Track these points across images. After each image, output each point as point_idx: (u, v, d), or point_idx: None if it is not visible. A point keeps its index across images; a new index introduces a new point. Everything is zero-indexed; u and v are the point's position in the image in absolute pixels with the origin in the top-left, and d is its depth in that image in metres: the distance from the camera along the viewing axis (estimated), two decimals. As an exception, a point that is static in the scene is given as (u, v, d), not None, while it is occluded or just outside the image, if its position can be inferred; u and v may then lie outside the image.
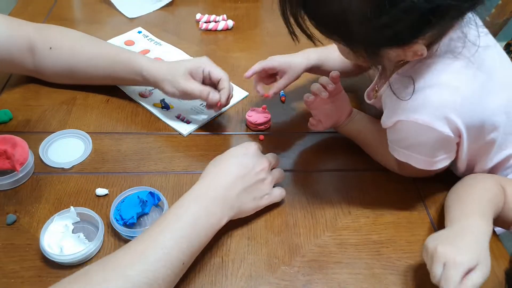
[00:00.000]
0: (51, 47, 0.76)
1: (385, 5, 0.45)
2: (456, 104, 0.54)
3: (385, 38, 0.50)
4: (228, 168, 0.59)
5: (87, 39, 0.79)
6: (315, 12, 0.51)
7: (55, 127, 0.74)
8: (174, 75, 0.72)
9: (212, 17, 1.01)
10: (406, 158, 0.61)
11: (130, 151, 0.72)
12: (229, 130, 0.77)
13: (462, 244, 0.51)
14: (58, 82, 0.81)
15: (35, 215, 0.62)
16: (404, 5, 0.45)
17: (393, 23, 0.47)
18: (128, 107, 0.79)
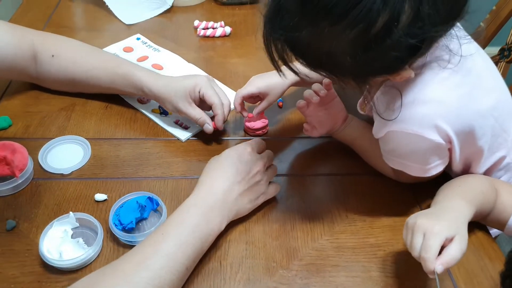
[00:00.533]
0: (53, 55, 0.77)
1: (371, 44, 0.46)
2: (443, 112, 0.55)
3: (373, 69, 0.51)
4: (225, 174, 0.60)
5: (88, 49, 0.80)
6: (303, 53, 0.51)
7: (54, 133, 0.75)
8: (174, 96, 0.72)
9: (210, 24, 1.02)
10: (400, 166, 0.62)
11: (129, 156, 0.72)
12: (227, 135, 0.78)
13: (442, 217, 0.53)
14: (59, 89, 0.81)
15: (35, 220, 0.62)
16: (390, 42, 0.46)
17: (380, 58, 0.48)
18: (126, 113, 0.80)
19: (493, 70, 0.63)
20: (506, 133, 0.63)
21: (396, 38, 0.45)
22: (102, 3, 1.03)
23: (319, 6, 0.45)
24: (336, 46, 0.47)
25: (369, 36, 0.45)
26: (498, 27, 1.04)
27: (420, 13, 0.45)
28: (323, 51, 0.49)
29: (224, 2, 1.11)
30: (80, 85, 0.79)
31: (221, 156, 0.63)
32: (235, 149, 0.64)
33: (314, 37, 0.48)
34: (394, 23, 0.45)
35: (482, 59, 0.61)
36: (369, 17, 0.44)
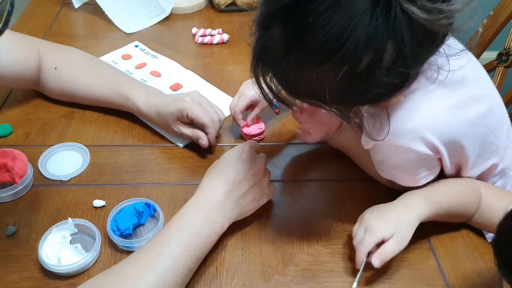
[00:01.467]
0: (56, 68, 0.79)
1: (356, 82, 0.47)
2: (430, 124, 0.56)
3: (360, 102, 0.52)
4: (225, 176, 0.61)
5: (90, 64, 0.81)
6: (290, 88, 0.53)
7: (54, 140, 0.76)
8: (166, 121, 0.74)
9: (207, 31, 1.03)
10: (390, 176, 0.63)
11: (127, 163, 0.73)
12: (224, 141, 0.79)
13: (386, 217, 0.59)
14: (59, 99, 0.83)
15: (34, 226, 0.63)
16: (374, 80, 0.47)
17: (366, 93, 0.49)
18: (125, 121, 0.81)
19: (484, 77, 0.64)
20: (498, 140, 0.63)
21: (380, 76, 0.47)
22: (102, 13, 1.05)
23: (305, 50, 0.46)
24: (322, 84, 0.48)
25: (354, 75, 0.47)
26: (496, 32, 1.05)
27: (403, 52, 0.46)
28: (309, 88, 0.50)
29: (221, 9, 1.13)
30: (79, 98, 0.81)
31: (221, 159, 0.64)
32: (233, 150, 0.65)
33: (301, 76, 0.49)
34: (378, 63, 0.46)
35: (472, 67, 0.62)
36: (353, 58, 0.45)
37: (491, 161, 0.64)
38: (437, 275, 0.60)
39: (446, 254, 0.63)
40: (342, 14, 0.44)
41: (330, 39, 0.45)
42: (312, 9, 0.45)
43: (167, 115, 0.73)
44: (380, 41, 0.45)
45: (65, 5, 1.11)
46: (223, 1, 1.11)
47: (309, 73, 0.48)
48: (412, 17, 0.44)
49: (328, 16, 0.45)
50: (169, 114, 0.73)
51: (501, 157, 0.64)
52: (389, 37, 0.45)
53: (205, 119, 0.72)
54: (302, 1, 0.46)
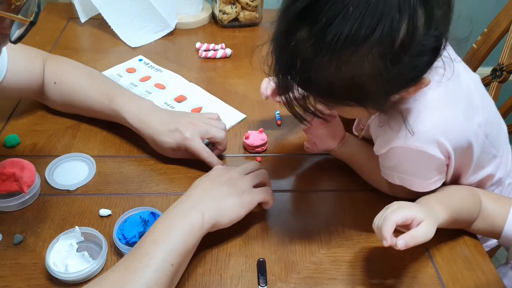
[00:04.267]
0: (55, 82, 0.80)
1: (398, 56, 0.47)
2: (444, 128, 0.58)
3: (397, 84, 0.52)
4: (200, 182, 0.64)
5: (88, 77, 0.81)
6: (328, 91, 0.51)
7: (61, 151, 0.78)
8: (160, 147, 0.74)
9: (211, 46, 1.06)
10: (401, 181, 0.65)
11: (132, 173, 0.75)
12: (227, 153, 0.80)
13: (415, 204, 0.58)
14: (63, 111, 0.85)
15: (41, 235, 0.64)
16: (414, 49, 0.47)
17: (406, 69, 0.49)
18: (130, 132, 0.82)
19: (481, 89, 0.66)
20: (495, 150, 0.65)
21: (419, 42, 0.47)
22: (107, 27, 1.08)
23: (339, 39, 0.45)
24: (362, 69, 0.47)
25: (395, 49, 0.46)
26: (490, 48, 1.08)
27: (434, 16, 0.47)
28: (347, 81, 0.49)
29: (224, 25, 1.16)
30: (79, 111, 0.83)
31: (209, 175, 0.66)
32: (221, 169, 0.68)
33: (337, 71, 0.48)
34: (415, 30, 0.46)
35: (470, 79, 0.64)
36: (392, 32, 0.45)
37: (487, 170, 0.66)
38: (436, 283, 0.61)
39: (444, 262, 0.64)
40: None
41: (365, 18, 0.44)
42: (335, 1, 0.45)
43: (163, 143, 0.73)
44: (411, 7, 0.45)
45: (72, 19, 1.13)
46: (226, 17, 1.14)
47: (347, 63, 0.47)
48: None
49: None
50: (166, 144, 0.73)
51: (497, 167, 0.66)
52: (419, 2, 0.46)
53: (204, 153, 0.72)
54: None
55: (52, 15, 1.15)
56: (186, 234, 0.56)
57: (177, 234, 0.56)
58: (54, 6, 1.19)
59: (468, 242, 0.66)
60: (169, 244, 0.55)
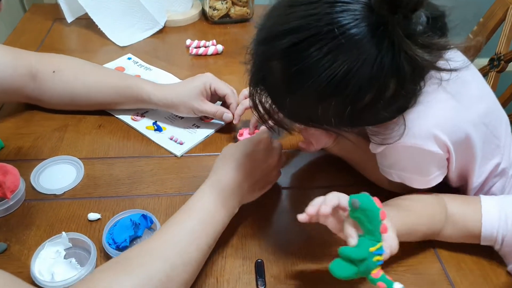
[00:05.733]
0: (54, 71, 0.77)
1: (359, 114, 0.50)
2: (440, 122, 0.56)
3: (365, 124, 0.56)
4: (241, 164, 0.61)
5: (90, 65, 0.81)
6: (293, 117, 0.55)
7: (47, 154, 0.74)
8: (188, 99, 0.76)
9: (202, 43, 1.03)
10: (400, 179, 0.62)
11: (123, 175, 0.72)
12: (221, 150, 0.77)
13: None
14: (57, 108, 0.81)
15: (26, 242, 0.61)
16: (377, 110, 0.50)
17: (371, 119, 0.53)
18: (120, 132, 0.80)
19: (480, 78, 0.64)
20: (498, 139, 0.63)
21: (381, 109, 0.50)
22: (95, 27, 1.04)
23: (307, 90, 0.48)
24: (324, 114, 0.50)
25: (357, 108, 0.49)
26: (487, 38, 1.06)
27: (405, 86, 0.49)
28: (311, 117, 0.52)
29: (215, 21, 1.13)
30: (80, 101, 0.79)
31: (238, 145, 0.64)
32: (251, 139, 0.65)
33: (301, 108, 0.52)
34: (380, 99, 0.49)
35: (467, 69, 0.62)
36: (357, 97, 0.48)
37: (494, 161, 0.63)
38: (443, 279, 0.59)
39: (451, 258, 0.61)
40: (346, 56, 0.46)
41: (333, 80, 0.47)
42: (315, 51, 0.46)
43: (190, 91, 0.75)
44: (383, 79, 0.47)
45: (58, 20, 1.10)
46: (216, 13, 1.11)
47: (311, 107, 0.50)
48: (414, 57, 0.46)
49: (332, 58, 0.46)
50: (192, 89, 0.75)
51: (502, 156, 0.64)
52: (392, 75, 0.47)
53: (228, 89, 0.77)
54: (303, 43, 0.47)
55: (37, 16, 1.12)
56: (224, 224, 0.59)
57: (219, 220, 0.58)
58: (39, 7, 1.16)
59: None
60: (212, 229, 0.57)
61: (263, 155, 0.63)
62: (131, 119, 0.82)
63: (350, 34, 0.45)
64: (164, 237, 0.54)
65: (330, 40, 0.46)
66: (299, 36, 0.47)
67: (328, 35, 0.46)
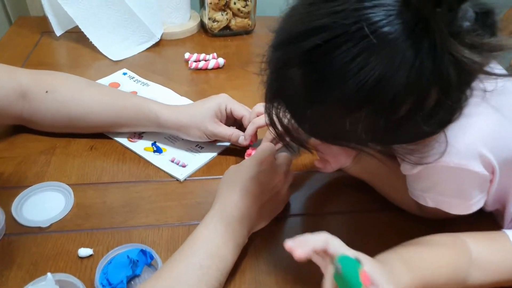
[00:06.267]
0: (48, 91, 0.69)
1: (394, 128, 0.43)
2: (486, 139, 0.49)
3: (398, 142, 0.48)
4: (246, 188, 0.56)
5: (87, 83, 0.73)
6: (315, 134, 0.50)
7: (32, 180, 0.66)
8: (201, 121, 0.69)
9: (201, 56, 0.96)
10: (436, 203, 0.54)
11: (117, 203, 0.64)
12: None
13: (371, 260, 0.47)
14: (49, 130, 0.73)
15: (5, 285, 0.52)
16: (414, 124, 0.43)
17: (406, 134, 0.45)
18: (114, 154, 0.72)
19: None
20: None
21: (420, 122, 0.42)
22: (86, 40, 0.97)
23: (332, 100, 0.42)
24: (352, 130, 0.43)
25: (391, 121, 0.42)
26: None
27: (449, 96, 0.41)
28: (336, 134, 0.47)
29: (215, 33, 1.06)
30: (78, 123, 0.71)
31: (241, 166, 0.59)
32: (254, 158, 0.60)
33: (326, 123, 0.46)
34: (419, 110, 0.41)
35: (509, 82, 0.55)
36: (391, 107, 0.41)
37: None
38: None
39: None
40: (378, 59, 0.38)
41: (363, 88, 0.39)
42: (341, 54, 0.39)
43: (203, 113, 0.69)
44: (423, 87, 0.39)
45: (46, 33, 1.03)
46: (216, 25, 1.05)
47: (336, 121, 0.44)
48: (461, 60, 0.39)
49: (361, 61, 0.39)
50: (206, 111, 0.69)
51: None
52: (433, 82, 0.39)
53: (245, 111, 0.71)
54: (328, 45, 0.40)
55: (23, 29, 1.04)
56: (235, 254, 0.54)
57: (229, 252, 0.53)
58: (25, 20, 1.09)
59: None
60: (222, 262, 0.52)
61: (268, 176, 0.58)
62: (128, 140, 0.74)
63: (383, 33, 0.38)
64: (170, 276, 0.48)
65: (359, 40, 0.38)
66: (322, 36, 0.39)
67: (357, 35, 0.38)
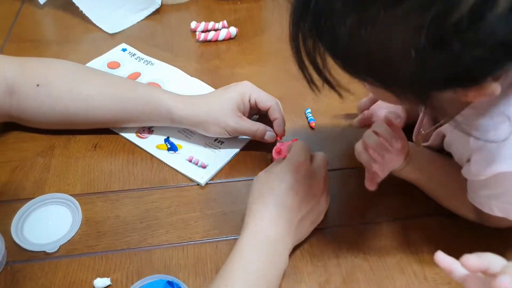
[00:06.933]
0: (38, 84, 0.59)
1: (447, 38, 0.31)
2: None
3: (442, 78, 0.35)
4: (281, 201, 0.49)
5: (86, 72, 0.63)
6: (343, 53, 0.37)
7: (30, 191, 0.57)
8: (221, 116, 0.59)
9: (210, 25, 0.84)
10: (505, 213, 0.47)
11: (132, 216, 0.55)
12: (255, 172, 0.61)
13: None
14: (44, 127, 0.63)
15: (14, 328, 0.46)
16: (478, 37, 0.30)
17: (458, 60, 0.32)
18: (122, 154, 0.63)
19: None
20: None
21: (489, 30, 0.30)
22: (75, 9, 0.84)
23: None
24: (392, 40, 0.33)
25: (446, 26, 0.30)
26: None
27: None
28: (372, 49, 0.35)
29: (223, -5, 0.93)
30: (77, 119, 0.61)
31: (273, 174, 0.51)
32: (286, 165, 0.51)
33: (361, 28, 0.34)
34: (489, 7, 0.29)
35: None
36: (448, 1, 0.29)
37: None
38: None
39: None
40: None
41: None
42: None
43: (223, 106, 0.59)
44: None
45: (27, 1, 0.89)
46: (223, -15, 0.91)
47: (374, 23, 0.33)
48: None
49: None
50: (227, 103, 0.59)
51: None
52: None
53: (272, 101, 0.61)
54: None
55: (1, -4, 0.90)
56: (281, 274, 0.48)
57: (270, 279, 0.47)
58: (2, -16, 0.94)
59: None
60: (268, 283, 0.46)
61: (306, 185, 0.51)
62: (136, 136, 0.64)
63: None
64: None
65: None
66: None
67: None
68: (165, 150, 0.63)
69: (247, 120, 0.60)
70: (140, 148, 0.63)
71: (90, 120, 0.61)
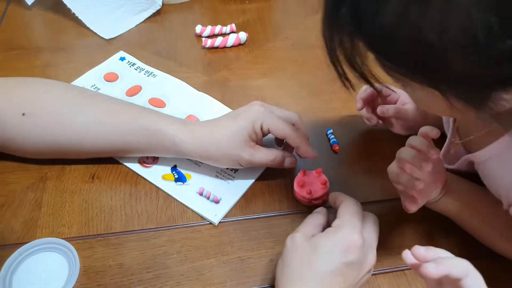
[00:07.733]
0: (24, 113, 0.51)
1: None
2: None
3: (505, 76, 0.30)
4: (329, 284, 0.41)
5: (77, 96, 0.55)
6: (386, 47, 0.32)
7: (20, 234, 0.50)
8: (232, 149, 0.52)
9: (217, 29, 0.76)
10: None
11: (138, 264, 0.49)
12: (275, 206, 0.54)
13: None
14: (33, 157, 0.56)
15: None
16: None
17: None
18: (123, 186, 0.55)
19: None
20: None
21: None
22: (67, 10, 0.75)
23: None
24: (451, 22, 0.28)
25: None
26: None
27: None
28: (423, 34, 0.29)
29: (230, -6, 0.84)
30: (67, 150, 0.54)
31: (317, 253, 0.42)
32: (338, 243, 0.42)
33: (410, 7, 0.29)
34: None
35: None
36: None
37: None
38: None
39: None
40: None
41: None
42: None
43: (233, 137, 0.52)
44: None
45: (13, 2, 0.80)
46: (231, -17, 0.83)
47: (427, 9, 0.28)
48: None
49: None
50: (237, 134, 0.52)
51: None
52: None
53: (288, 129, 0.53)
54: None
55: (-17, -5, 0.81)
56: None
57: None
58: (-16, -19, 0.85)
59: None
60: None
61: (356, 268, 0.42)
62: (139, 164, 0.57)
63: None
64: None
65: None
66: None
67: None
68: (172, 181, 0.56)
69: (261, 149, 0.53)
70: (144, 179, 0.56)
71: (86, 150, 0.54)
